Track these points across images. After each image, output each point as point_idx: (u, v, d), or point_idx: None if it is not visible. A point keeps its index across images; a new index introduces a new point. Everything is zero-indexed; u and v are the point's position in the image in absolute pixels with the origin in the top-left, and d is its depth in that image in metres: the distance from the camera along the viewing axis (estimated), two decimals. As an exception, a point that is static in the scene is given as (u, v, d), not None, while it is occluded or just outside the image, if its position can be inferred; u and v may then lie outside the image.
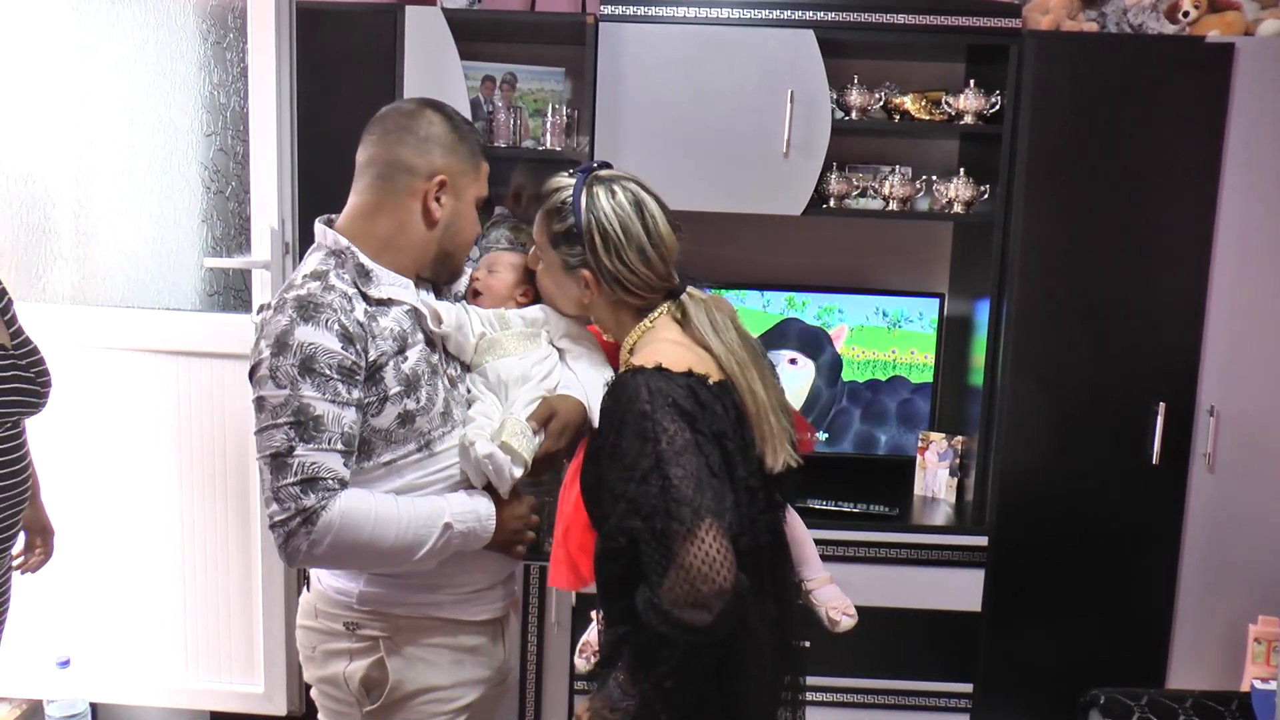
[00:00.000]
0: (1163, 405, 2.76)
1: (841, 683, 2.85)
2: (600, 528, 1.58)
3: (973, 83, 2.84)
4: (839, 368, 3.10)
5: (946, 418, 3.14)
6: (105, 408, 2.76)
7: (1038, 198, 2.76)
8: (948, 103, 2.87)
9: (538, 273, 1.73)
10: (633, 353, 1.61)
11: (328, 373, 1.51)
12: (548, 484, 2.60)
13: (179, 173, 2.79)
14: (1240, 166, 2.71)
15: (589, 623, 1.94)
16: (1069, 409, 2.81)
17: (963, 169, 2.93)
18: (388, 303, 1.61)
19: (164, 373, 2.74)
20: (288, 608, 2.77)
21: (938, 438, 3.01)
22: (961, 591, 2.83)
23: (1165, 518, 2.83)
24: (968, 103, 2.82)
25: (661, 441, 1.45)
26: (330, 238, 1.63)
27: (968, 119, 2.84)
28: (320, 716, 1.74)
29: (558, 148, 2.90)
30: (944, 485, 3.00)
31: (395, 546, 1.55)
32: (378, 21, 2.77)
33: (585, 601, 2.79)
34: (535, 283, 1.78)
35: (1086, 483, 2.82)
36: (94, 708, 2.93)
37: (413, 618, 1.65)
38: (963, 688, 2.87)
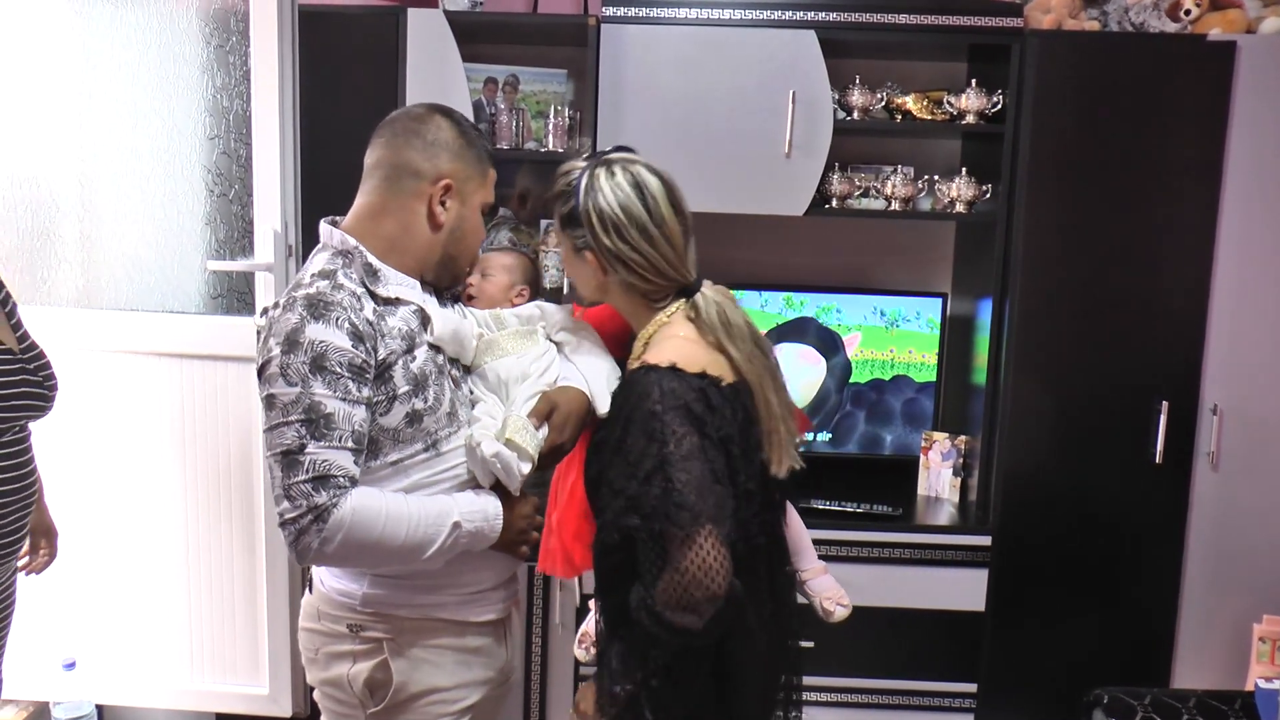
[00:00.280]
0: (1166, 404, 2.76)
1: (845, 683, 2.85)
2: (599, 520, 1.58)
3: (974, 82, 2.84)
4: (849, 372, 3.10)
5: (950, 417, 3.14)
6: (109, 410, 2.77)
7: (1040, 197, 2.76)
8: (949, 102, 2.87)
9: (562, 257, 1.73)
10: (647, 346, 1.61)
11: (339, 370, 1.51)
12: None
13: (182, 176, 2.80)
14: (1242, 164, 2.71)
15: (588, 612, 1.95)
16: (1072, 408, 2.81)
17: (965, 168, 2.93)
18: (395, 302, 1.62)
19: (168, 375, 2.75)
20: (292, 609, 2.77)
21: (941, 437, 3.01)
22: (965, 591, 2.83)
23: (1169, 517, 2.82)
24: (969, 102, 2.82)
25: (669, 444, 1.46)
26: (337, 238, 1.64)
27: (970, 118, 2.84)
28: (324, 719, 1.75)
29: (560, 149, 2.91)
30: (947, 485, 3.00)
31: (405, 545, 1.55)
32: (380, 24, 2.78)
33: (588, 602, 2.79)
34: (531, 282, 1.81)
35: (1090, 482, 2.82)
36: (100, 709, 2.93)
37: (416, 619, 1.65)
38: (966, 687, 2.87)
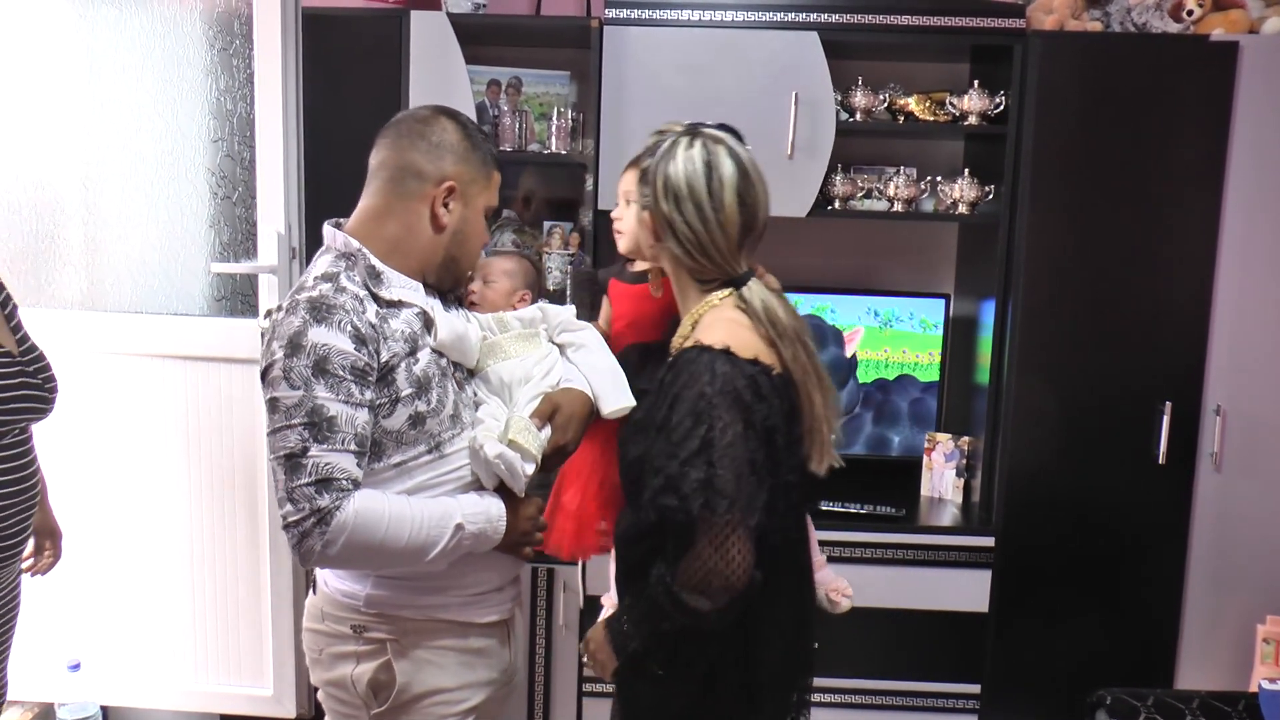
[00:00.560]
0: (1169, 405, 2.76)
1: (848, 684, 2.85)
2: (635, 502, 1.59)
3: (977, 83, 2.84)
4: (854, 368, 3.10)
5: (953, 418, 3.14)
6: (114, 412, 2.77)
7: (1043, 197, 2.76)
8: (952, 103, 2.87)
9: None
10: (696, 326, 1.62)
11: (341, 373, 1.52)
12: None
13: (186, 178, 2.80)
14: (1245, 164, 2.71)
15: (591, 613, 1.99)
16: (1075, 409, 2.81)
17: (967, 169, 2.93)
18: (398, 304, 1.62)
19: (172, 377, 2.75)
20: (296, 610, 2.78)
21: (944, 438, 3.01)
22: (968, 592, 2.83)
23: (1172, 518, 2.82)
24: (972, 103, 2.82)
25: (716, 429, 1.47)
26: (340, 240, 1.64)
27: (972, 119, 2.84)
28: (328, 719, 1.75)
29: (563, 151, 2.91)
30: (951, 486, 3.00)
31: (408, 547, 1.55)
32: (383, 26, 2.78)
33: (592, 603, 2.79)
34: (533, 286, 1.83)
35: (1093, 483, 2.82)
36: (105, 711, 2.94)
37: (420, 620, 1.66)
38: (970, 688, 2.87)
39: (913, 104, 2.93)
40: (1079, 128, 2.73)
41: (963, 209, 2.91)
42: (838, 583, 2.00)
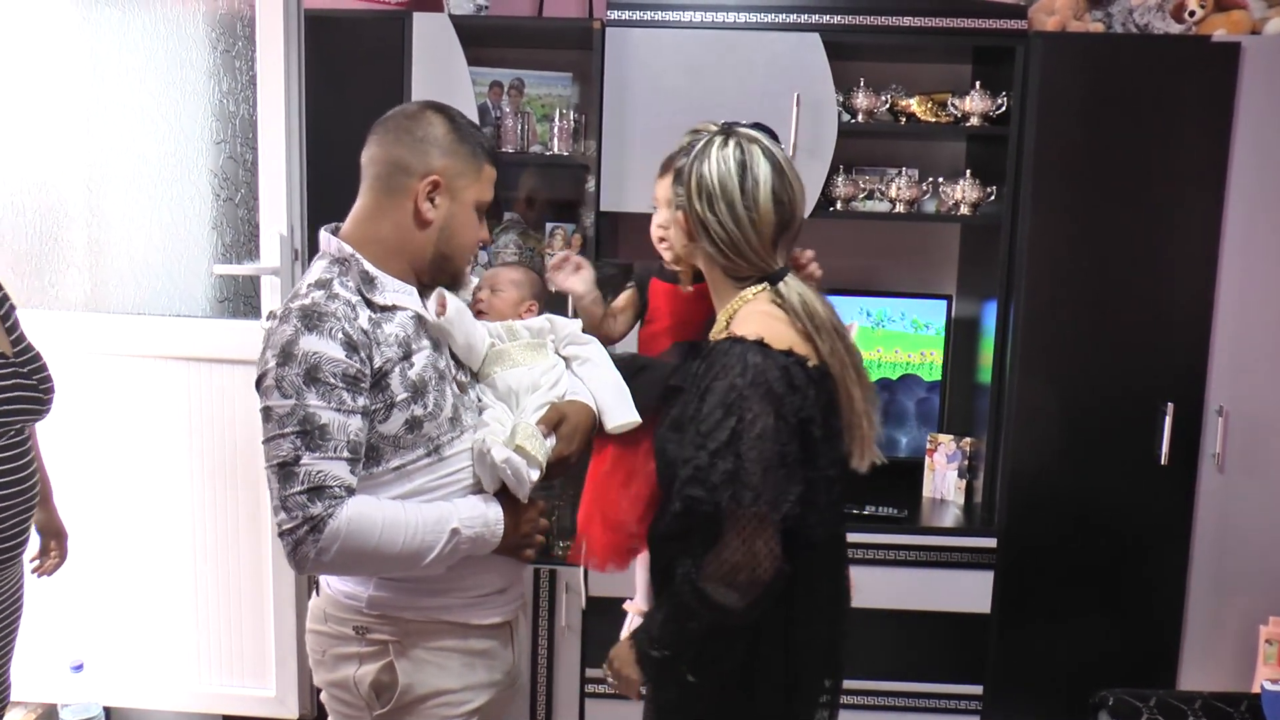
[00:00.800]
0: (1171, 405, 2.76)
1: (852, 684, 2.82)
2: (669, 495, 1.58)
3: (979, 84, 2.84)
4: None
5: (955, 419, 3.14)
6: (117, 413, 2.78)
7: (1045, 198, 2.76)
8: (954, 104, 2.88)
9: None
10: (731, 320, 1.61)
11: (332, 381, 1.51)
12: (558, 488, 2.61)
13: (189, 180, 2.81)
14: (1247, 165, 2.71)
15: (624, 615, 2.02)
16: (1077, 410, 2.81)
17: (969, 171, 2.93)
18: (392, 309, 1.62)
19: (175, 378, 2.76)
20: (299, 611, 2.78)
21: (946, 439, 3.01)
22: (971, 593, 2.83)
23: (1174, 518, 2.82)
24: (974, 104, 2.82)
25: (746, 420, 1.46)
26: (334, 245, 1.64)
27: (974, 121, 2.84)
28: (331, 720, 1.76)
29: (565, 152, 2.91)
30: (953, 487, 3.00)
31: (403, 553, 1.56)
32: (386, 28, 2.79)
33: (594, 604, 2.80)
34: (540, 296, 1.82)
35: (1095, 483, 2.82)
36: (108, 712, 2.95)
37: (422, 621, 1.66)
38: (973, 689, 2.87)
39: (914, 105, 2.93)
40: (1081, 129, 2.73)
41: (965, 210, 2.91)
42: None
